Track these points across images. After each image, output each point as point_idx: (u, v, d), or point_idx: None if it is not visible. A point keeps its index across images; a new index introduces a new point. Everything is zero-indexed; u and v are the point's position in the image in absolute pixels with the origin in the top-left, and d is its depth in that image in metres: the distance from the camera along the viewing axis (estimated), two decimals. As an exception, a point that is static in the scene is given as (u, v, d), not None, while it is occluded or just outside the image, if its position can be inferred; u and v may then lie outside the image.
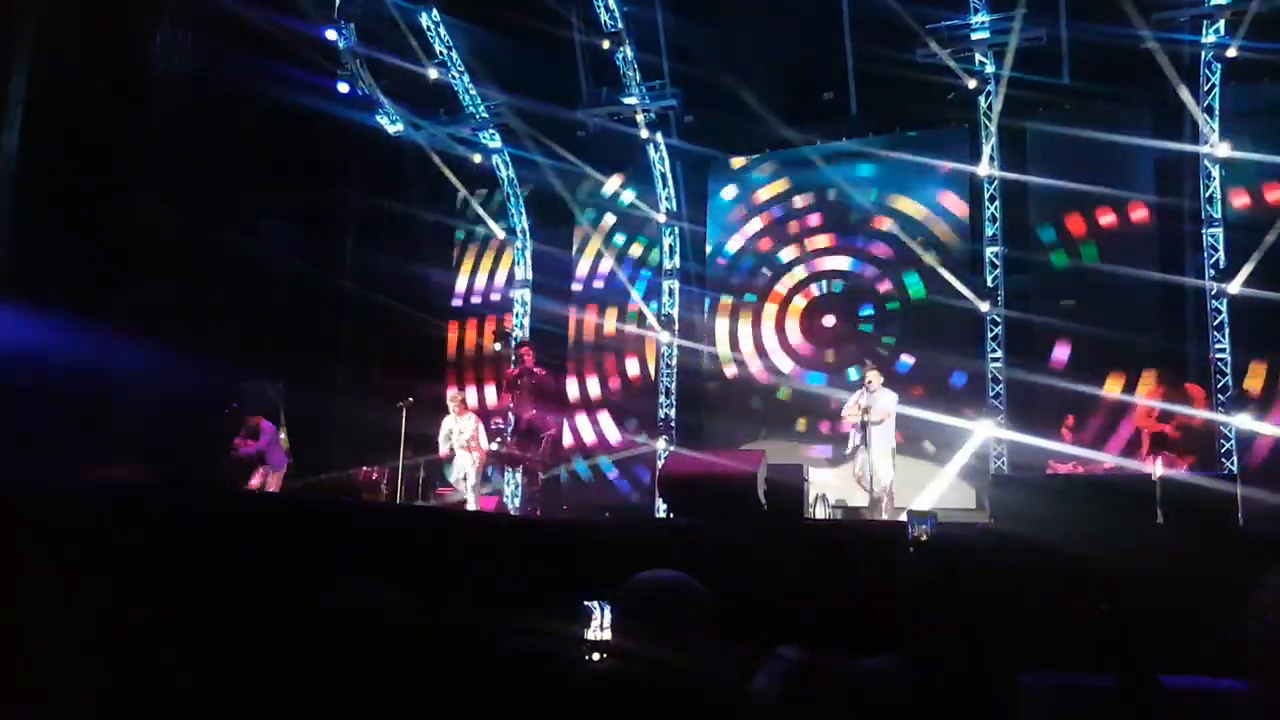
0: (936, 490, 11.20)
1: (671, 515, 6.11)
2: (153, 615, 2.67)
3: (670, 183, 13.28)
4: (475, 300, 14.73)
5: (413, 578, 1.50)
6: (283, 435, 10.11)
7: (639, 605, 1.89)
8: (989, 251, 11.46)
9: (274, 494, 8.85)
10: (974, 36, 11.11)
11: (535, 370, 10.25)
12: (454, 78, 13.41)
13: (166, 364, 9.13)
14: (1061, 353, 11.08)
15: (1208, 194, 10.54)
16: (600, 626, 2.29)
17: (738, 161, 13.47)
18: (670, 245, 13.42)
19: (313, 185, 12.00)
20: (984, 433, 11.03)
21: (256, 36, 10.83)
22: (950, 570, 1.97)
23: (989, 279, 11.43)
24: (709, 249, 13.50)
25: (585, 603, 2.24)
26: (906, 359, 11.90)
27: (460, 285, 14.82)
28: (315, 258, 12.45)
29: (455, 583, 5.30)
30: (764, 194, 13.30)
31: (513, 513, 11.58)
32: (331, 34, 12.29)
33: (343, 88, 12.86)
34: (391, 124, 13.48)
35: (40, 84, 10.16)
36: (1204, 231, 10.53)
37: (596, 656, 2.19)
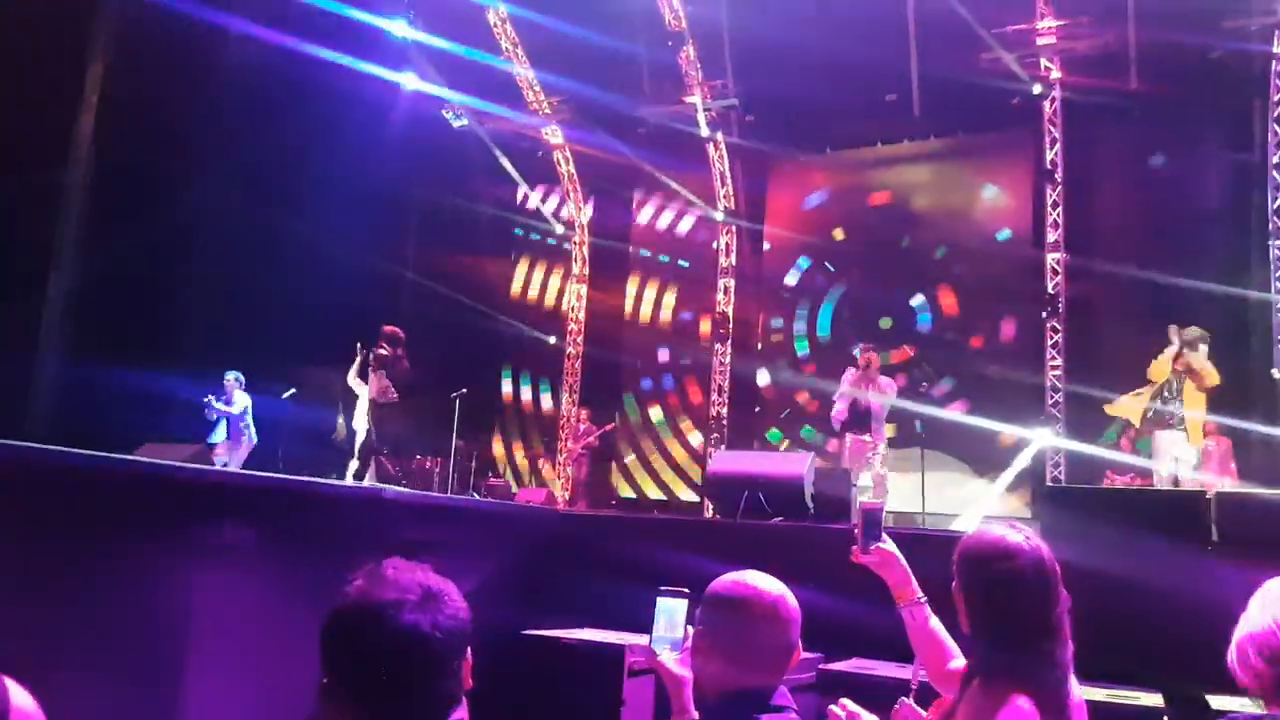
0: (989, 500, 11.06)
1: (718, 515, 6.15)
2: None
3: (729, 181, 13.29)
4: (532, 294, 14.92)
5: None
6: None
7: (724, 610, 1.86)
8: (1050, 258, 11.25)
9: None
10: (1040, 42, 10.92)
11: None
12: (519, 72, 13.58)
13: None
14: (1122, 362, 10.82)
15: (1276, 205, 10.21)
16: (667, 626, 2.25)
17: (797, 161, 13.41)
18: (727, 243, 13.43)
19: (377, 177, 12.24)
20: (1041, 442, 10.84)
21: (325, 28, 11.08)
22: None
23: (1050, 285, 11.22)
24: (766, 246, 13.48)
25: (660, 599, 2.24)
26: (962, 365, 11.76)
27: (518, 278, 15.02)
28: (378, 248, 12.74)
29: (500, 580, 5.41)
30: (823, 194, 13.23)
31: (561, 505, 11.71)
32: (399, 26, 12.49)
33: (409, 81, 13.07)
34: (456, 119, 13.70)
35: (114, 75, 10.59)
36: (1270, 244, 10.19)
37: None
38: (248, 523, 4.28)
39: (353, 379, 8.86)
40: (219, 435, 9.21)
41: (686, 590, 2.21)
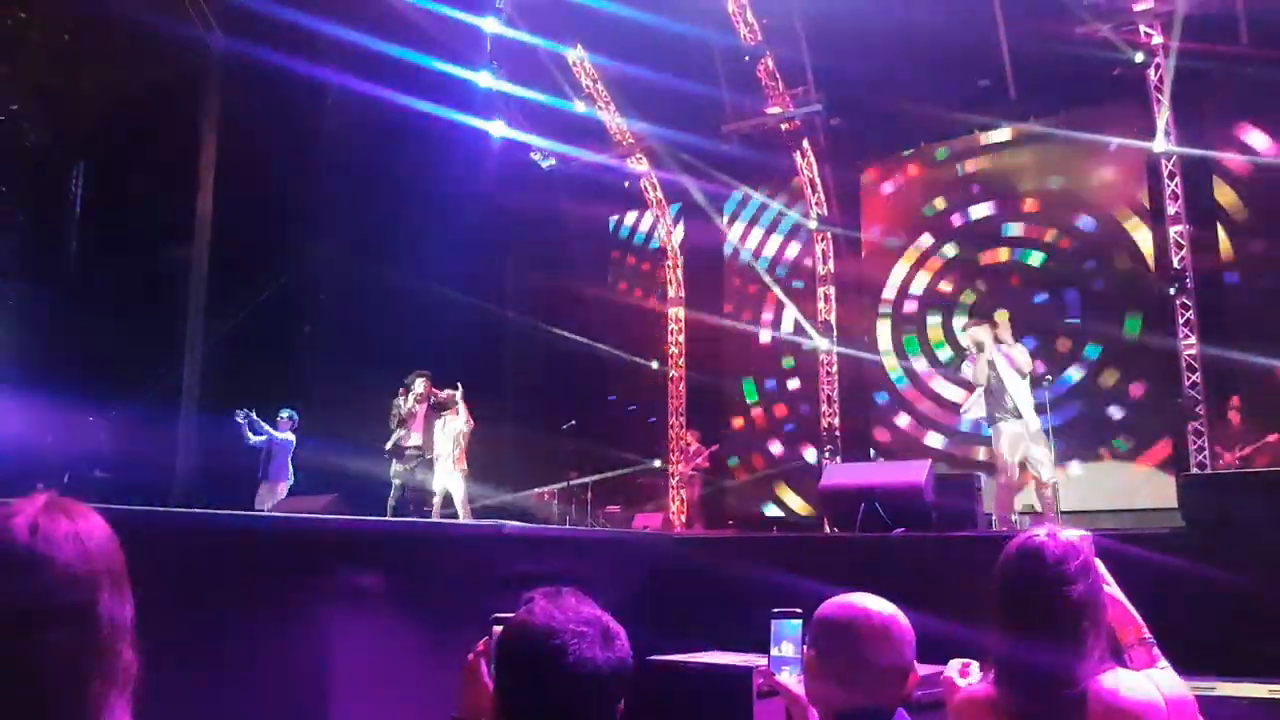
0: (1130, 487, 10.51)
1: (835, 530, 6.02)
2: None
3: (819, 187, 13.12)
4: (632, 320, 15.04)
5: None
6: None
7: (833, 632, 1.85)
8: (1173, 231, 10.63)
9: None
10: (1136, 8, 10.39)
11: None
12: (600, 108, 13.81)
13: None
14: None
15: None
16: (784, 647, 2.27)
17: (892, 159, 13.15)
18: (824, 250, 13.25)
19: (473, 222, 12.63)
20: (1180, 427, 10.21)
21: (415, 81, 11.52)
22: None
23: (1175, 260, 10.59)
24: (864, 252, 13.23)
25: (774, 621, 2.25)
26: (1094, 346, 11.23)
27: (617, 306, 15.17)
28: (479, 290, 13.11)
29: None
30: (921, 189, 12.91)
31: (678, 528, 11.71)
32: (484, 77, 12.89)
33: (497, 129, 13.47)
34: (544, 160, 14.04)
35: (225, 150, 11.30)
36: None
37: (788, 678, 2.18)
38: (375, 568, 4.44)
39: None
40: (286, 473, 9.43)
41: (799, 610, 2.21)
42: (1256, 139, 10.57)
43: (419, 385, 9.02)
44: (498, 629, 1.62)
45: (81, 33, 10.68)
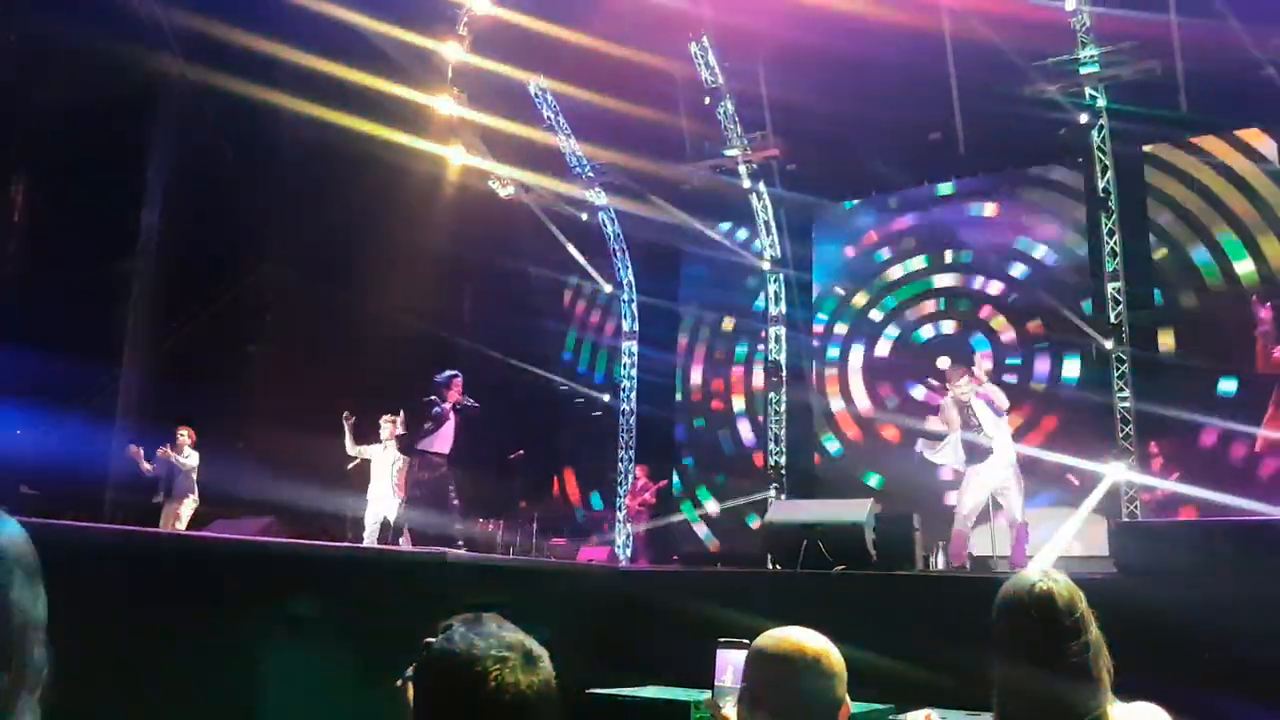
0: (1068, 535, 10.72)
1: (777, 566, 6.06)
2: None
3: (774, 230, 13.35)
4: (585, 353, 15.06)
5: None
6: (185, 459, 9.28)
7: (766, 665, 1.88)
8: (1110, 287, 11.01)
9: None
10: (1083, 71, 10.85)
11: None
12: (561, 139, 13.91)
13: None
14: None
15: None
16: (728, 677, 2.30)
17: (842, 207, 13.46)
18: (775, 292, 13.44)
19: (430, 248, 12.59)
20: (1115, 476, 10.50)
21: (374, 105, 11.49)
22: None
23: (1112, 315, 10.96)
24: (815, 294, 13.46)
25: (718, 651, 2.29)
26: (1029, 396, 11.52)
27: (570, 339, 15.19)
28: (433, 316, 13.02)
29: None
30: (871, 237, 13.21)
31: (623, 562, 11.65)
32: (444, 102, 12.89)
33: (456, 154, 13.44)
34: (503, 189, 14.06)
35: (175, 166, 11.14)
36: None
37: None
38: (316, 593, 4.36)
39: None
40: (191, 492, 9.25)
41: (746, 641, 2.24)
42: (1192, 198, 11.06)
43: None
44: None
45: (31, 42, 10.50)
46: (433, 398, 8.36)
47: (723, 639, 2.31)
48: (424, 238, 12.46)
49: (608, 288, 14.70)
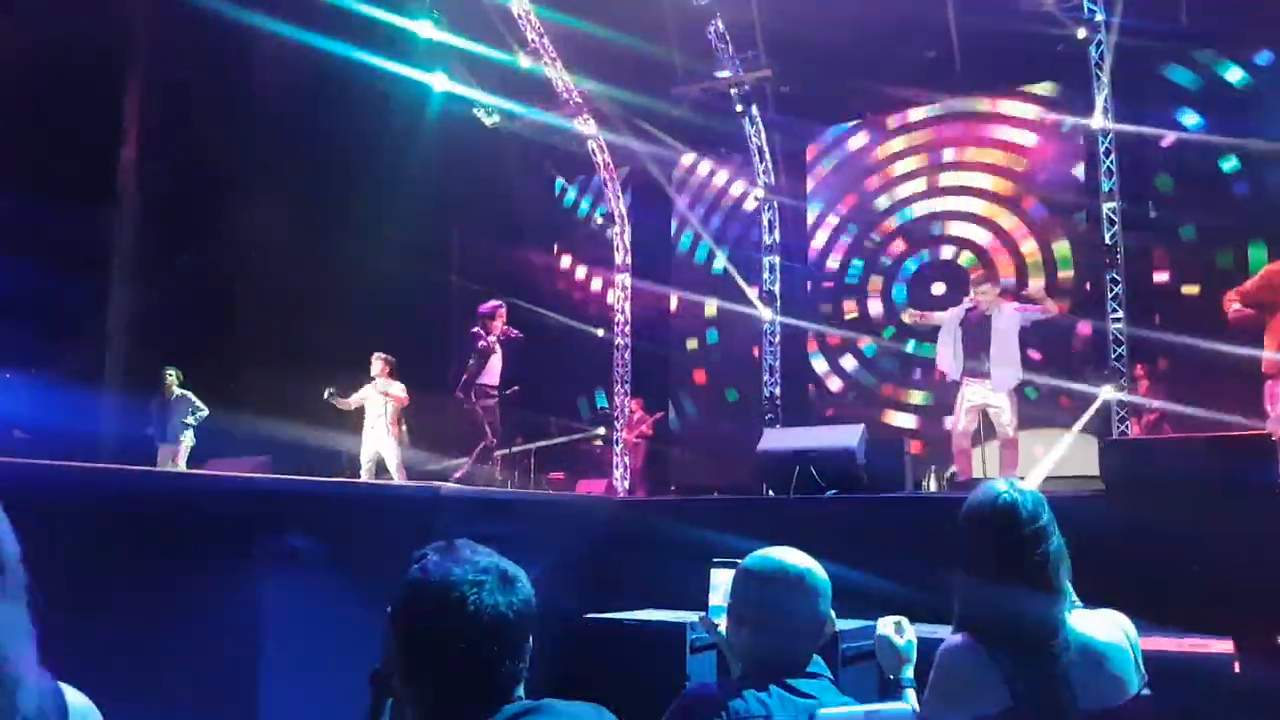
0: (1057, 455, 10.84)
1: (770, 493, 6.11)
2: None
3: (767, 156, 13.13)
4: (578, 287, 14.96)
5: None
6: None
7: (752, 583, 1.93)
8: (1106, 208, 10.89)
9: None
10: (1082, -18, 10.55)
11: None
12: (546, 64, 13.57)
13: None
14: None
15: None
16: (722, 595, 2.38)
17: (837, 129, 13.23)
18: (769, 220, 13.29)
19: (416, 181, 12.37)
20: (1106, 396, 10.55)
21: (354, 31, 11.15)
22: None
23: (1107, 236, 10.86)
24: (810, 220, 13.33)
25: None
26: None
27: (563, 273, 15.08)
28: (422, 252, 12.88)
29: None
30: (867, 160, 13.04)
31: (620, 494, 11.76)
32: (425, 27, 12.50)
33: (439, 82, 13.09)
34: (488, 116, 13.76)
35: (151, 103, 10.86)
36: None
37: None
38: (311, 529, 4.38)
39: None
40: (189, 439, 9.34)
41: (738, 561, 2.28)
42: (1191, 119, 10.87)
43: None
44: None
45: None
46: (478, 330, 8.41)
47: (717, 559, 2.39)
48: (408, 172, 12.24)
49: (599, 219, 14.53)
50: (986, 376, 7.25)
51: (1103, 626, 1.89)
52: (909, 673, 2.10)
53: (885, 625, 2.13)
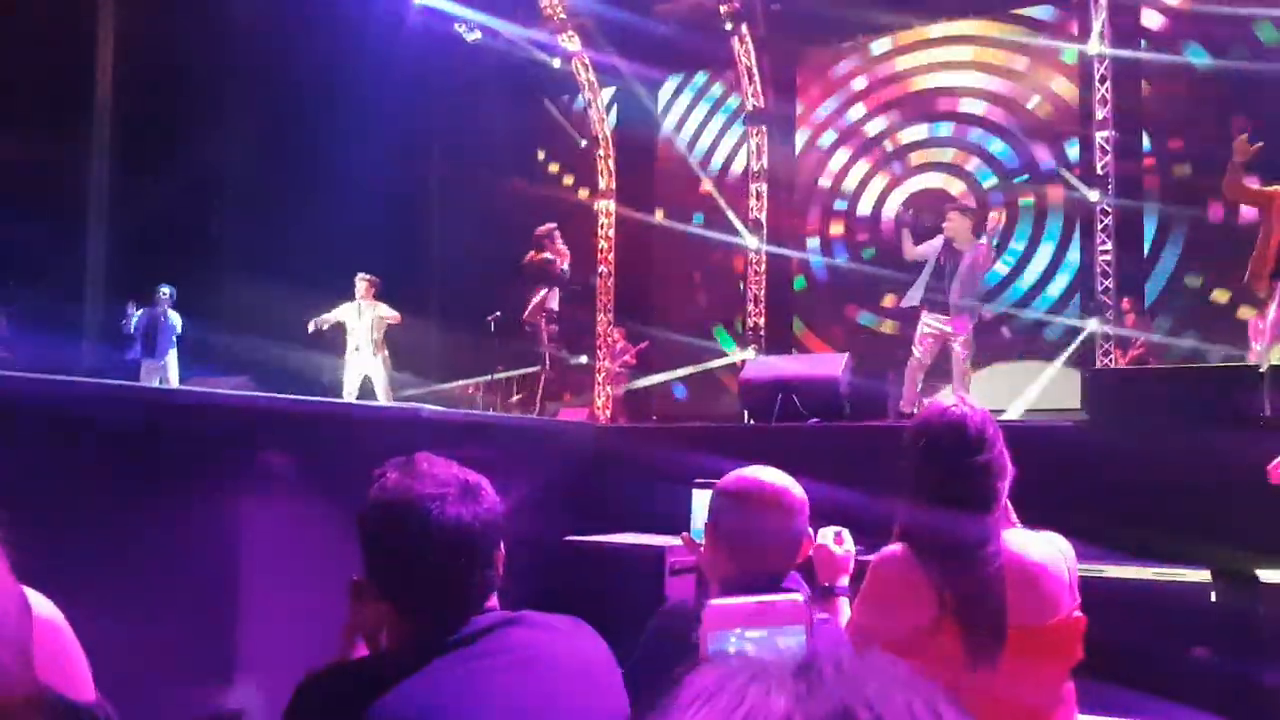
0: (1039, 388, 10.93)
1: (752, 420, 6.11)
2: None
3: (756, 79, 12.81)
4: (560, 210, 14.71)
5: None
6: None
7: (727, 502, 1.91)
8: (1099, 136, 10.74)
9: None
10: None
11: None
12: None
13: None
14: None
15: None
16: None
17: (829, 50, 12.93)
18: (758, 144, 13.04)
19: (396, 100, 12.02)
20: (1092, 328, 10.58)
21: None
22: None
23: (1099, 166, 10.75)
24: (799, 146, 13.10)
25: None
26: (1013, 250, 11.47)
27: (545, 195, 14.80)
28: (404, 173, 12.61)
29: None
30: (858, 84, 12.77)
31: (602, 421, 11.78)
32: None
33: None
34: (469, 32, 13.33)
35: (125, 24, 10.46)
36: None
37: None
38: (288, 448, 4.34)
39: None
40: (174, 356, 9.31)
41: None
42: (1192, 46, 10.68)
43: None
44: None
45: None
46: (546, 255, 8.31)
47: (698, 479, 2.39)
48: (389, 89, 11.88)
49: (582, 142, 14.23)
50: (945, 311, 7.15)
51: (1038, 545, 1.89)
52: (844, 581, 2.12)
53: (825, 535, 2.14)
